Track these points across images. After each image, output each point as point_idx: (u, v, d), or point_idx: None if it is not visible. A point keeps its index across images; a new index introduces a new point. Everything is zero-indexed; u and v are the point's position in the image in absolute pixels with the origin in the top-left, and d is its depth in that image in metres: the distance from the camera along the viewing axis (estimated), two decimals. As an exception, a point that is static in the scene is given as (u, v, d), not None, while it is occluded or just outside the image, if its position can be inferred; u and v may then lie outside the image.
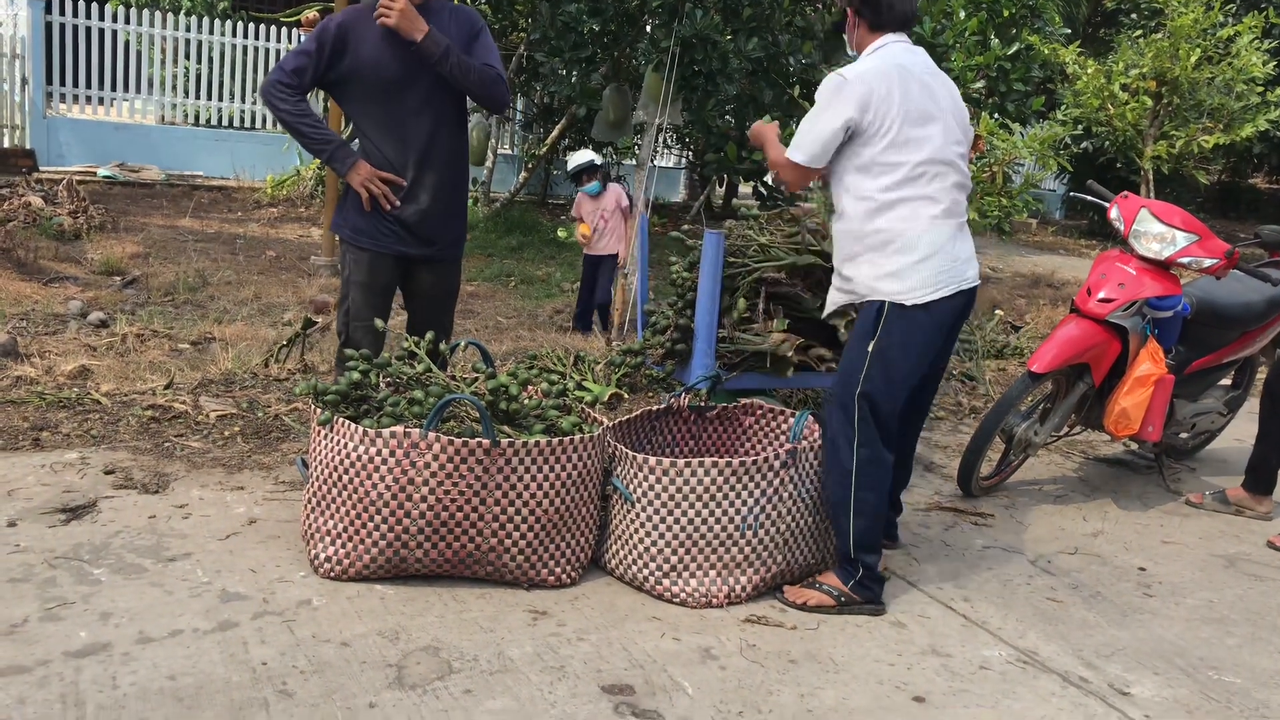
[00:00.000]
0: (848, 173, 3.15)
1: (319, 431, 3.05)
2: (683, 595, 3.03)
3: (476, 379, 3.25)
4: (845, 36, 3.34)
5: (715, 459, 3.01)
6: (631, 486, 3.08)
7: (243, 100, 12.80)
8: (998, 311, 7.72)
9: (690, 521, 3.02)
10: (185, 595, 2.85)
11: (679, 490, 3.01)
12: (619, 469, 3.14)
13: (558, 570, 3.07)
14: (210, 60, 12.54)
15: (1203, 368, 4.47)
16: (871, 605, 3.12)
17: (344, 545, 2.97)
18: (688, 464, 2.99)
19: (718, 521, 3.02)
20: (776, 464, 3.07)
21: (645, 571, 3.06)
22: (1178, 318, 4.19)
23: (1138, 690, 2.81)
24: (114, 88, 12.16)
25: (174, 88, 12.52)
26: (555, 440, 2.99)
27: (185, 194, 11.06)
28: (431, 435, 2.89)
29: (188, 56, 12.50)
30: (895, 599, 3.23)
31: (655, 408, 3.57)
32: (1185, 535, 4.03)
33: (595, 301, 7.07)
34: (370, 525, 2.93)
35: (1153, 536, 3.99)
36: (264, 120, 12.94)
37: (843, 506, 3.07)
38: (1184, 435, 4.70)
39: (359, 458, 2.92)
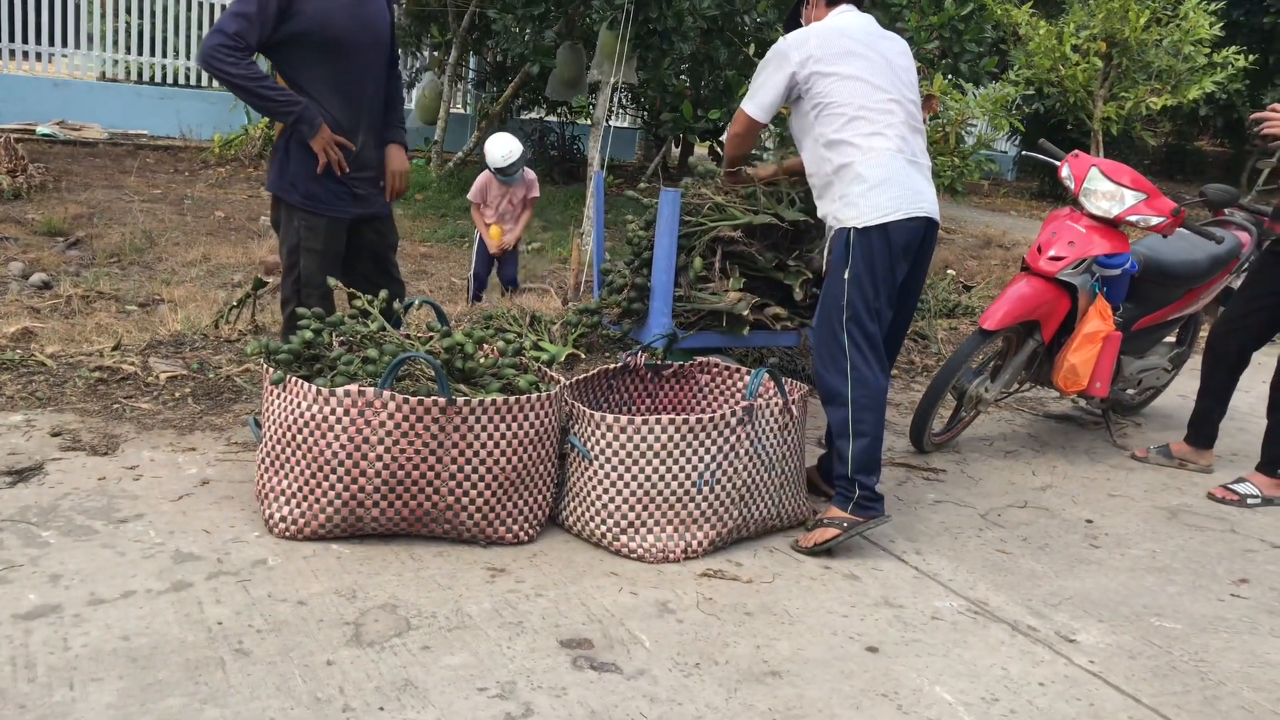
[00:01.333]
0: (803, 131, 3.42)
1: (272, 391, 3.02)
2: (640, 551, 3.06)
3: (431, 338, 3.23)
4: (802, 21, 3.57)
5: (672, 416, 3.04)
6: (589, 444, 3.10)
7: (187, 57, 12.50)
8: (950, 272, 7.80)
9: (647, 478, 3.04)
10: (138, 556, 2.82)
11: (635, 447, 3.03)
12: (576, 427, 3.15)
13: (515, 528, 3.08)
14: (153, 15, 12.21)
15: (1149, 325, 4.56)
16: (875, 519, 3.25)
17: (299, 505, 2.95)
18: (645, 421, 3.01)
19: (674, 478, 3.05)
20: (733, 421, 3.09)
21: (603, 528, 3.09)
22: (1126, 275, 4.26)
23: (1083, 637, 2.89)
24: (51, 43, 11.81)
25: (115, 43, 12.19)
26: (512, 398, 2.98)
27: (129, 153, 10.81)
28: (386, 394, 2.87)
29: (129, 11, 12.16)
30: (848, 552, 3.28)
31: (612, 366, 3.59)
32: (1130, 488, 4.13)
33: (500, 279, 6.66)
34: (325, 485, 2.92)
35: (1099, 490, 4.08)
36: (209, 78, 12.65)
37: (842, 430, 3.22)
38: (1130, 391, 4.80)
39: (313, 417, 2.89)
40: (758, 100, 3.42)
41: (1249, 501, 4.01)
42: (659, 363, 3.67)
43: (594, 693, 2.40)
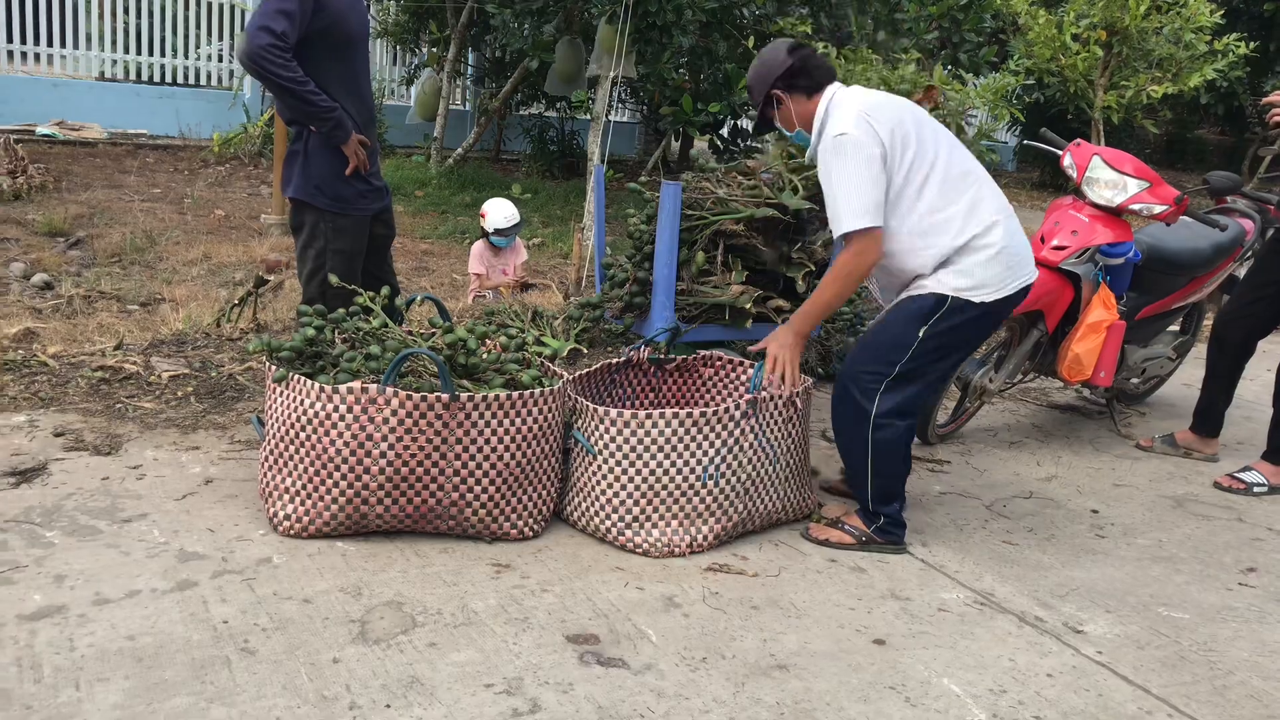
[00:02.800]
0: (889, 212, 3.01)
1: (274, 389, 3.01)
2: (645, 545, 3.05)
3: (434, 334, 3.22)
4: (778, 126, 3.21)
5: (676, 410, 3.01)
6: (593, 439, 3.09)
7: (185, 56, 12.47)
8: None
9: (651, 473, 3.03)
10: (142, 556, 2.81)
11: (639, 442, 3.02)
12: (580, 422, 3.14)
13: (520, 524, 3.07)
14: (151, 15, 12.20)
15: (1153, 314, 4.54)
16: (893, 546, 3.23)
17: (303, 503, 2.95)
18: (648, 415, 3.00)
19: (679, 472, 3.04)
20: (737, 414, 3.07)
21: (608, 523, 3.08)
22: (1129, 264, 4.25)
23: (1091, 628, 2.88)
24: (50, 43, 11.79)
25: (114, 43, 12.17)
26: (515, 394, 2.97)
27: (129, 153, 10.80)
28: (389, 390, 2.86)
29: (127, 11, 12.14)
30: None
31: (614, 361, 3.57)
32: (1136, 478, 4.12)
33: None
34: (329, 482, 2.91)
35: (1104, 480, 4.07)
36: (209, 76, 12.63)
37: (860, 465, 3.15)
38: (1135, 380, 4.78)
39: (316, 414, 2.89)
40: (861, 211, 2.89)
41: (1255, 490, 3.99)
42: (662, 357, 3.64)
43: (601, 688, 2.39)
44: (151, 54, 12.33)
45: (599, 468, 3.08)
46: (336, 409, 2.87)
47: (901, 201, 2.99)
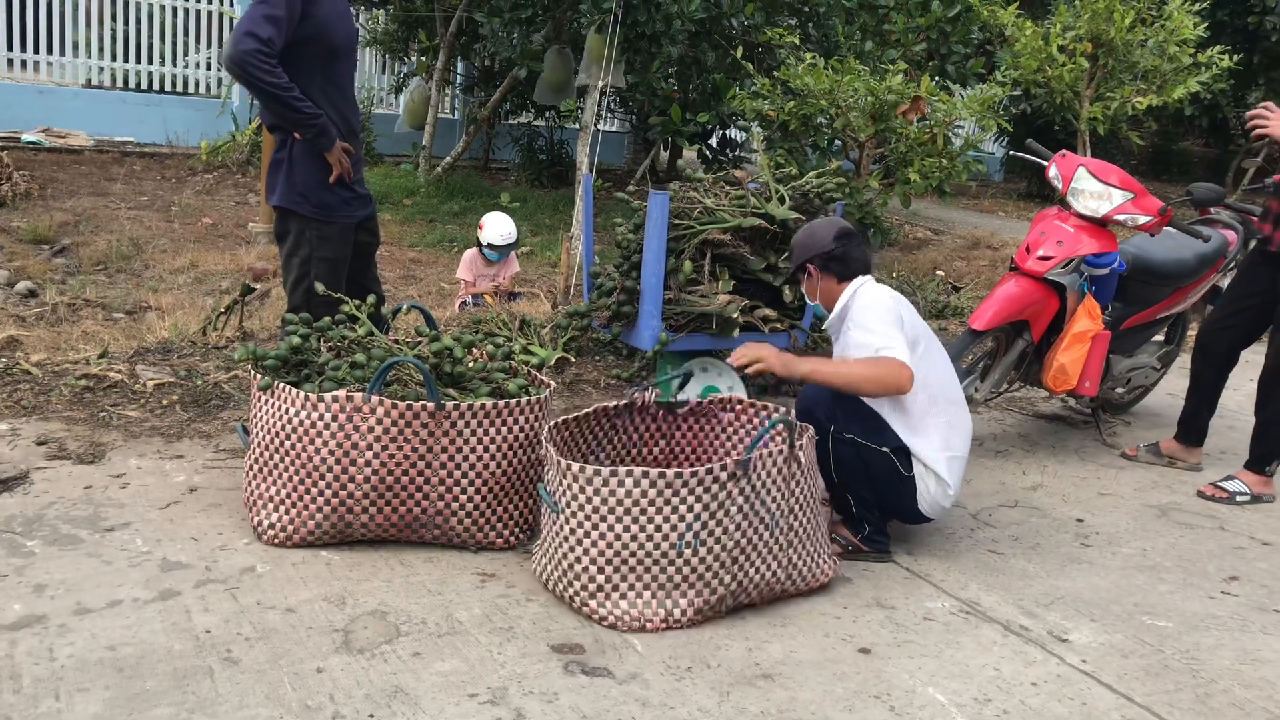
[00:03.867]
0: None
1: (259, 397, 3.00)
2: (611, 618, 2.70)
3: (420, 342, 3.21)
4: (803, 289, 3.43)
5: (647, 469, 2.65)
6: (557, 494, 2.77)
7: (173, 64, 12.45)
8: (939, 273, 7.81)
9: (618, 537, 2.67)
10: (124, 565, 2.80)
11: (604, 502, 2.67)
12: (548, 474, 2.83)
13: (505, 533, 3.06)
14: (138, 22, 12.17)
15: (1138, 324, 4.57)
16: (878, 555, 3.26)
17: (287, 511, 2.94)
18: (613, 473, 2.65)
19: (650, 538, 2.67)
20: (723, 476, 2.69)
21: (571, 589, 2.75)
22: (1114, 275, 4.27)
23: (1075, 637, 2.89)
24: (36, 50, 11.76)
25: (101, 50, 12.14)
26: (501, 402, 2.97)
27: (115, 160, 10.76)
28: (375, 399, 2.85)
29: (114, 18, 12.12)
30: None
31: (613, 405, 3.25)
32: (1121, 487, 4.13)
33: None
34: (314, 491, 2.90)
35: (1090, 489, 4.08)
36: (197, 84, 12.61)
37: (829, 476, 3.20)
38: (1120, 390, 4.80)
39: (301, 423, 2.88)
40: (900, 345, 3.07)
41: (1238, 499, 4.01)
42: (673, 400, 3.32)
43: (586, 698, 2.39)
44: (139, 61, 12.30)
45: (562, 527, 2.75)
46: (321, 417, 2.86)
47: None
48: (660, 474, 2.65)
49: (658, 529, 2.67)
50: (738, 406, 3.33)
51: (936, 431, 3.21)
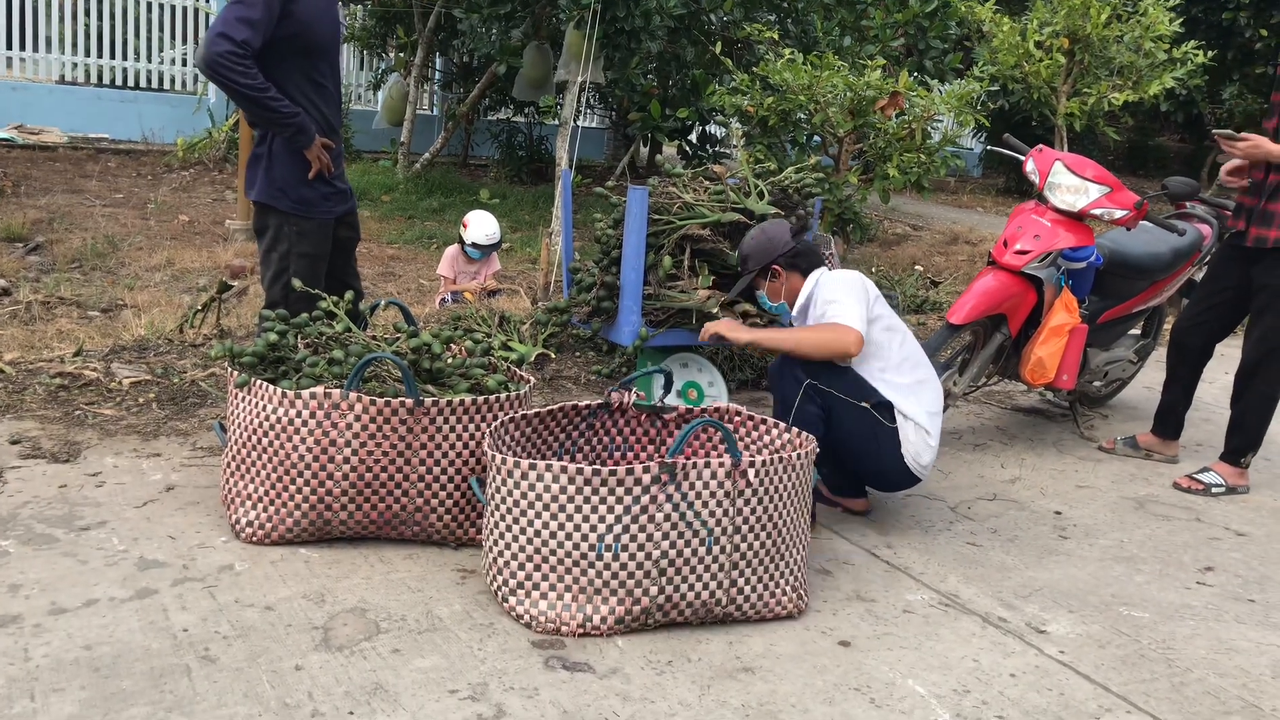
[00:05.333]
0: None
1: (236, 394, 2.98)
2: (528, 617, 2.63)
3: (398, 338, 3.20)
4: (761, 294, 3.56)
5: (567, 464, 2.59)
6: (489, 488, 2.72)
7: (149, 59, 12.35)
8: (917, 268, 7.85)
9: (538, 533, 2.61)
10: (100, 564, 2.77)
11: (524, 496, 2.61)
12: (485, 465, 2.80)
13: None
14: (112, 17, 12.06)
15: (1114, 317, 4.60)
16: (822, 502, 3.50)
17: (266, 509, 2.92)
18: (532, 466, 2.59)
19: (569, 537, 2.59)
20: (645, 478, 2.58)
21: (496, 584, 2.70)
22: (1091, 268, 4.30)
23: (1054, 628, 2.90)
24: (9, 46, 11.64)
25: (75, 46, 12.02)
26: (480, 398, 2.96)
27: (90, 157, 10.67)
28: (353, 395, 2.84)
29: (88, 14, 12.00)
30: (820, 548, 3.28)
31: (585, 404, 3.18)
32: (1098, 479, 4.16)
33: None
34: (292, 488, 2.88)
35: (1067, 481, 4.11)
36: (173, 80, 12.51)
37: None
38: (1097, 383, 4.84)
39: (278, 420, 2.86)
40: (855, 312, 3.24)
41: (1214, 490, 4.05)
42: (658, 405, 3.23)
43: (566, 693, 2.38)
44: (114, 57, 12.20)
45: (487, 520, 2.73)
46: (299, 414, 2.84)
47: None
48: (580, 470, 2.56)
49: (577, 528, 2.59)
50: (736, 418, 3.18)
51: (911, 389, 3.35)
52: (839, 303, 3.26)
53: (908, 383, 3.34)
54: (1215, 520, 3.82)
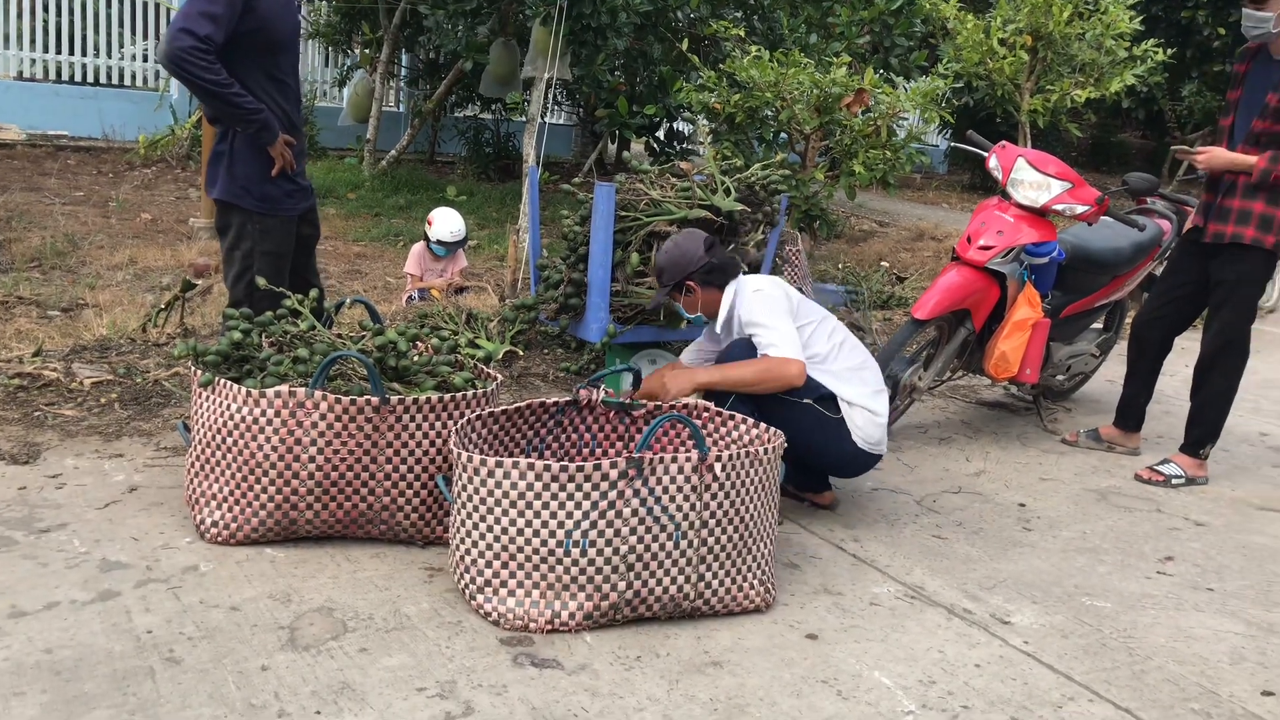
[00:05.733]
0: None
1: (200, 394, 2.95)
2: (496, 614, 2.63)
3: (364, 336, 3.18)
4: (679, 306, 3.49)
5: (532, 460, 2.58)
6: (455, 486, 2.72)
7: (109, 55, 12.18)
8: (883, 264, 7.90)
9: (505, 530, 2.60)
10: (61, 566, 2.74)
11: (490, 494, 2.60)
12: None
13: (453, 526, 3.04)
14: (72, 13, 11.89)
15: (1076, 312, 4.65)
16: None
17: (231, 509, 2.90)
18: (499, 463, 2.59)
19: (536, 534, 2.58)
20: (613, 474, 2.58)
21: (464, 582, 2.70)
22: (1053, 263, 4.35)
23: (1018, 619, 2.94)
24: (-34, 42, 11.45)
25: (33, 42, 11.84)
26: (447, 396, 2.95)
27: (49, 155, 10.51)
28: (318, 394, 2.82)
29: (46, 9, 11.82)
30: (788, 542, 3.30)
31: (552, 401, 3.16)
32: (1061, 472, 4.21)
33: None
34: (258, 488, 2.86)
35: (1031, 474, 4.16)
36: (134, 77, 12.35)
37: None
38: (1060, 377, 4.90)
39: (243, 419, 2.84)
40: (788, 338, 3.23)
41: (1174, 482, 4.11)
42: (627, 402, 3.21)
43: (535, 689, 2.39)
44: (73, 53, 12.02)
45: (454, 518, 2.73)
46: (264, 413, 2.82)
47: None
48: (546, 467, 2.56)
49: (544, 525, 2.58)
50: (704, 414, 3.19)
51: (850, 375, 3.36)
52: (767, 328, 3.24)
53: (845, 369, 3.36)
54: (1175, 511, 3.88)
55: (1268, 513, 3.93)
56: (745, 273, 3.50)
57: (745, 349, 3.31)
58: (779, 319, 3.25)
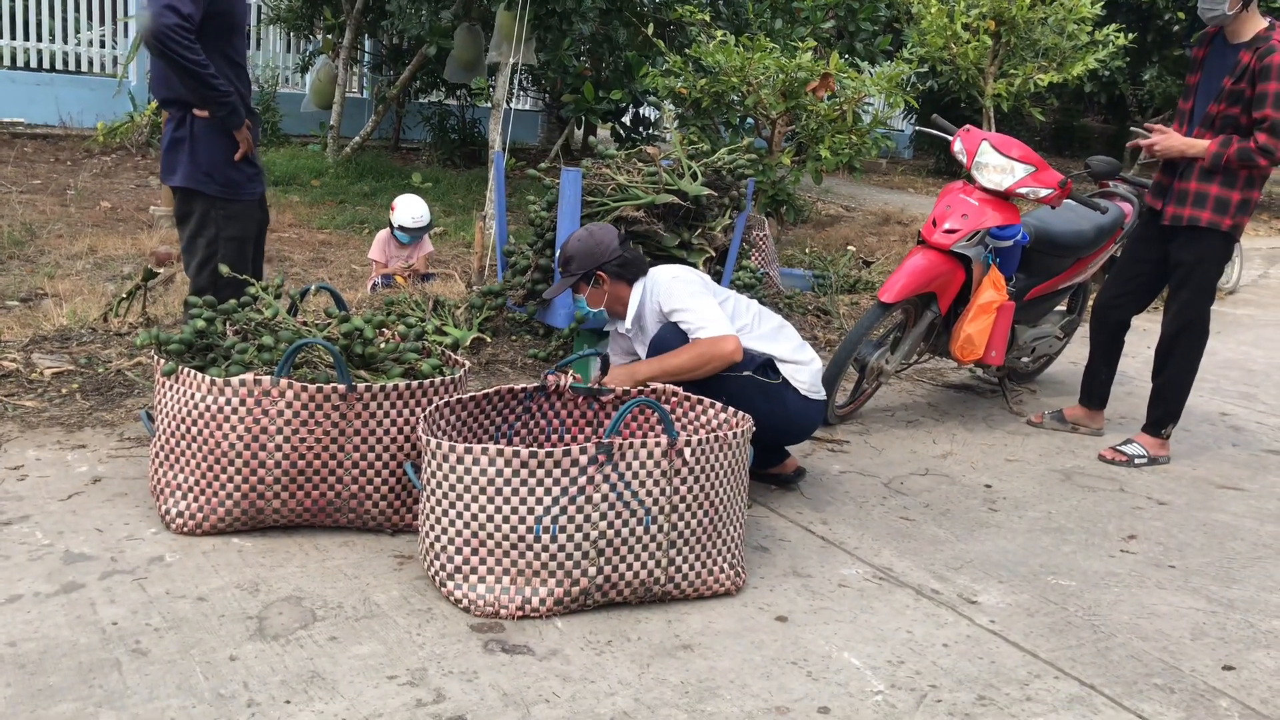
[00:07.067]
0: None
1: (164, 383, 2.92)
2: (466, 601, 2.63)
3: (329, 324, 3.16)
4: (580, 298, 3.44)
5: (503, 447, 2.57)
6: (424, 473, 2.72)
7: (64, 41, 11.96)
8: (850, 248, 7.93)
9: (475, 517, 2.60)
10: (24, 559, 2.70)
11: (459, 480, 2.60)
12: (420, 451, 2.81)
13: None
14: (26, -3, 11.66)
15: (1041, 294, 4.70)
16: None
17: (196, 499, 2.87)
18: (468, 449, 2.58)
19: (506, 520, 2.58)
20: (583, 459, 2.59)
21: (434, 569, 2.70)
22: (1017, 246, 4.39)
23: (984, 598, 2.97)
24: (-83, 27, 11.20)
25: (-14, 27, 11.60)
26: (415, 383, 2.93)
27: (4, 142, 10.32)
28: (284, 382, 2.79)
29: (0, -7, 11.59)
30: (757, 525, 3.32)
31: (521, 387, 3.16)
32: (1027, 453, 4.26)
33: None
34: (223, 477, 2.83)
35: (997, 455, 4.20)
36: (90, 63, 12.14)
37: None
38: (1025, 359, 4.95)
39: (208, 408, 2.81)
40: (716, 316, 3.24)
41: (1136, 461, 4.17)
42: (595, 387, 3.21)
43: (506, 675, 2.39)
44: (28, 39, 11.79)
45: (423, 505, 2.72)
46: (229, 402, 2.80)
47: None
48: (515, 453, 2.55)
49: (514, 511, 2.58)
50: (673, 399, 3.18)
51: (776, 333, 3.42)
52: (694, 310, 3.23)
53: (770, 331, 3.40)
54: (1138, 490, 3.94)
55: (1228, 491, 4.00)
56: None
57: (676, 335, 3.26)
58: (701, 300, 3.25)
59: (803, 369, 3.37)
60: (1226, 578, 3.23)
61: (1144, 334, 4.89)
